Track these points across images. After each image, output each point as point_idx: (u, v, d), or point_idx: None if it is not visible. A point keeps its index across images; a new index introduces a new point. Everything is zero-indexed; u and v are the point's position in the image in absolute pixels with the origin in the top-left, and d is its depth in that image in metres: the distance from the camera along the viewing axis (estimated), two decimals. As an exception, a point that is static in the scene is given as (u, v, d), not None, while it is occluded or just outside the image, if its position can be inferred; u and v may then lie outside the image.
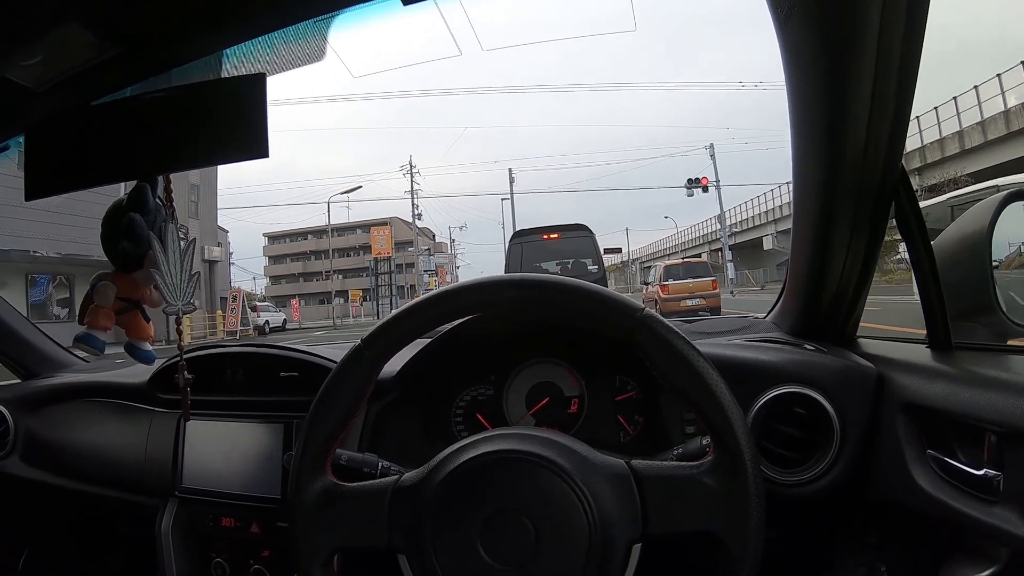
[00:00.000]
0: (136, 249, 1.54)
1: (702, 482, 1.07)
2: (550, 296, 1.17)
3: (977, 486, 1.15)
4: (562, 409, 1.77)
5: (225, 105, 1.43)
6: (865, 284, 1.58)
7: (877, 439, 1.43)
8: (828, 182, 1.42)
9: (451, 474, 1.11)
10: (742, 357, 1.61)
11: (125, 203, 1.56)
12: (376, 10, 1.33)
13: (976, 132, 31.25)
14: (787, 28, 1.18)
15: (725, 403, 1.07)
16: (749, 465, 1.05)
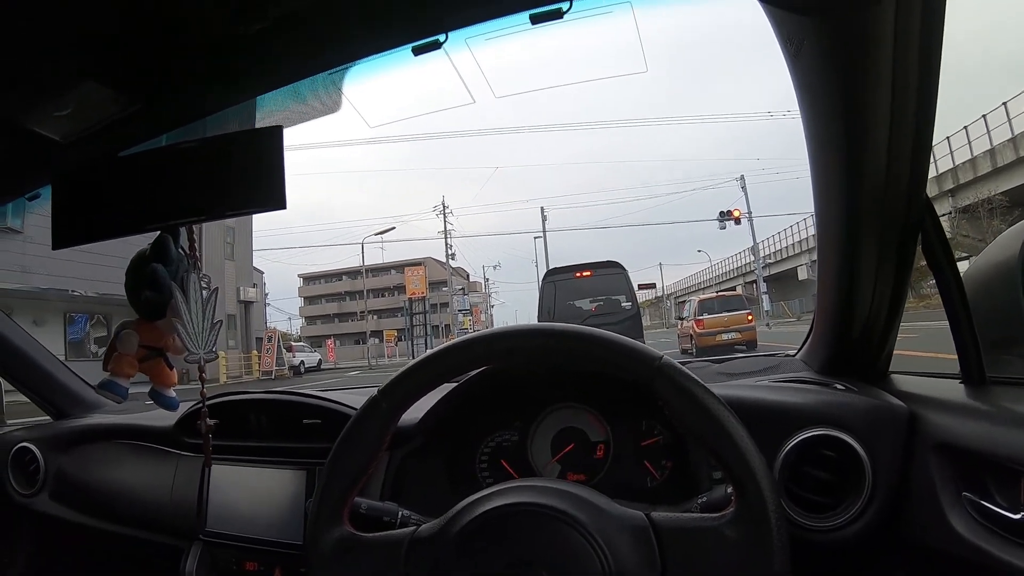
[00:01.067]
0: (159, 298, 1.55)
1: (723, 534, 1.04)
2: (567, 345, 1.16)
3: (1015, 530, 1.12)
4: (588, 455, 1.74)
5: (242, 158, 1.45)
6: (895, 319, 1.55)
7: (910, 481, 1.39)
8: (851, 216, 1.39)
9: (467, 526, 1.09)
10: (770, 400, 1.57)
11: (148, 254, 1.57)
12: (387, 61, 1.34)
13: (1008, 149, 31.04)
14: (798, 63, 1.16)
15: (746, 451, 1.05)
16: (772, 516, 1.02)
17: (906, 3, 0.99)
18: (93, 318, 25.17)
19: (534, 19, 1.22)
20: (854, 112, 1.19)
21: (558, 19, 1.21)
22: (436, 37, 1.27)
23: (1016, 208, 28.79)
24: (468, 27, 1.27)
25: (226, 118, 1.52)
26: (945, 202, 34.55)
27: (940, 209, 36.01)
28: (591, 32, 1.29)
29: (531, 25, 1.22)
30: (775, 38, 1.16)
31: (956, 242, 29.94)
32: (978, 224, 29.78)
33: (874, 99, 1.14)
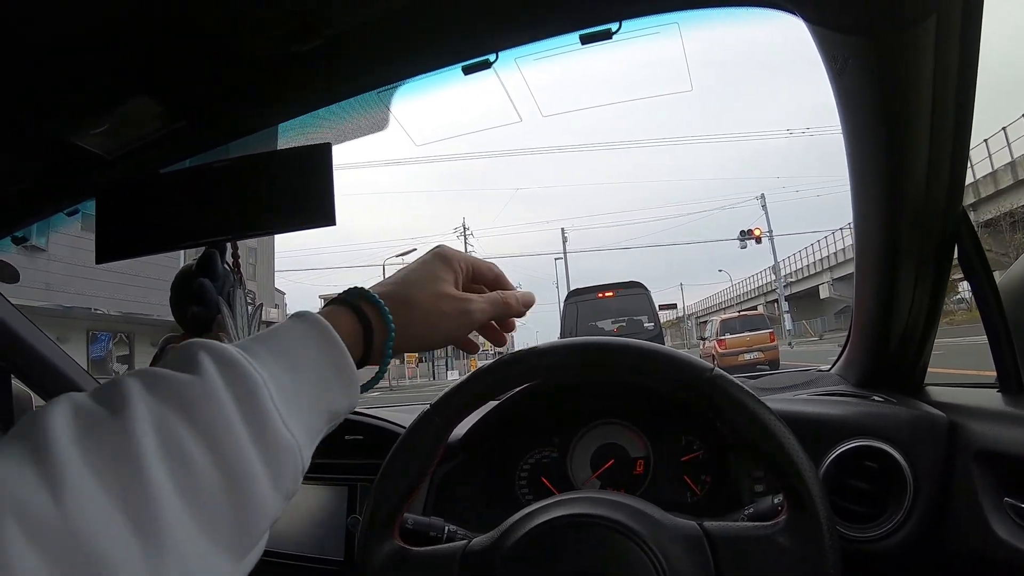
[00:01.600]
0: (206, 313, 1.57)
1: (777, 542, 1.06)
2: (618, 359, 1.17)
3: (1059, 533, 1.13)
4: (628, 471, 1.75)
5: (292, 174, 1.47)
6: (932, 329, 1.56)
7: (952, 489, 1.40)
8: (890, 228, 1.41)
9: (522, 539, 1.10)
10: (809, 412, 1.58)
11: (195, 268, 1.59)
12: (438, 80, 1.36)
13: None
14: (842, 79, 1.19)
15: (799, 460, 1.06)
16: (824, 523, 1.04)
17: (946, 22, 1.02)
18: (116, 336, 25.24)
19: (584, 39, 1.24)
20: (896, 126, 1.21)
21: (607, 40, 1.23)
22: (487, 56, 1.29)
23: (1039, 221, 28.63)
24: (519, 47, 1.29)
25: (273, 134, 1.54)
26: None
27: (963, 226, 35.92)
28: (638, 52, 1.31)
29: (580, 45, 1.25)
30: (803, 54, 1.18)
31: (978, 257, 29.67)
32: (1000, 238, 29.60)
33: (915, 113, 1.16)
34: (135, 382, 0.66)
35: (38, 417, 0.61)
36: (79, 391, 0.67)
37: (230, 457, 0.66)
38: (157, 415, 0.64)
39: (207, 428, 0.66)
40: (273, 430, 0.71)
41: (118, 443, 0.60)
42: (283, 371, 0.76)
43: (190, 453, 0.63)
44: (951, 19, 1.02)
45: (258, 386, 0.71)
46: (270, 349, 0.78)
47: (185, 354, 0.72)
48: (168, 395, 0.66)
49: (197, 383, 0.68)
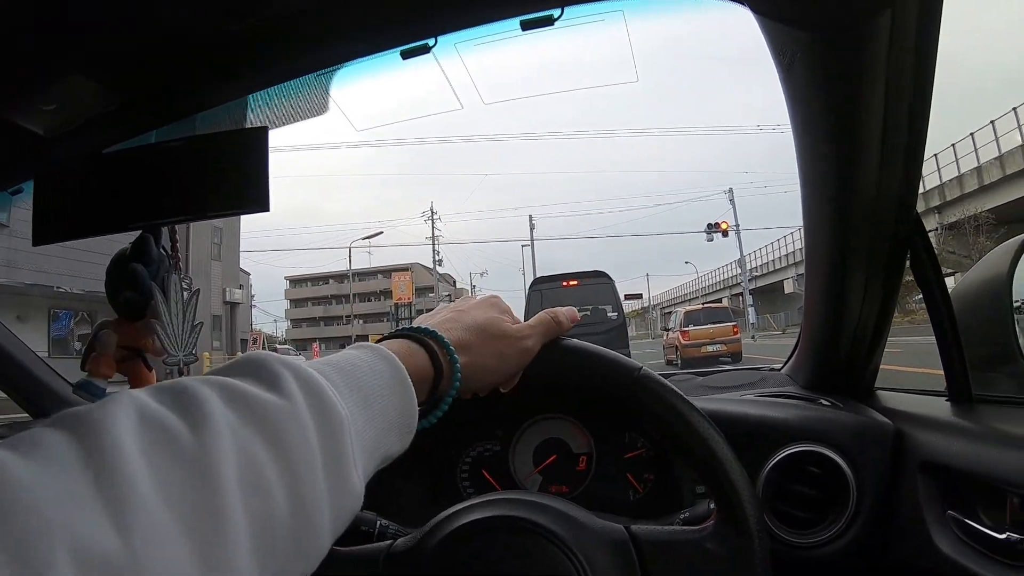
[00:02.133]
0: (139, 299, 1.53)
1: (704, 547, 1.05)
2: (544, 355, 1.14)
3: (1000, 550, 1.11)
4: (570, 467, 1.72)
5: (226, 158, 1.44)
6: (882, 335, 1.54)
7: (896, 498, 1.38)
8: (840, 232, 1.39)
9: (444, 540, 1.08)
10: (754, 414, 1.56)
11: (129, 253, 1.55)
12: (376, 64, 1.33)
13: (994, 167, 31.56)
14: (791, 75, 1.16)
15: (726, 463, 1.05)
16: (753, 528, 1.02)
17: (901, 20, 0.99)
18: (77, 315, 25.09)
19: (524, 25, 1.21)
20: (846, 127, 1.19)
21: (549, 26, 1.20)
22: (426, 41, 1.27)
23: (1002, 226, 29.11)
24: (458, 32, 1.26)
25: (214, 117, 1.51)
26: (932, 218, 34.95)
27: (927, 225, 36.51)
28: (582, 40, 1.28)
29: (521, 31, 1.22)
30: (767, 50, 1.16)
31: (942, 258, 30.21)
32: (964, 241, 30.15)
33: (866, 114, 1.13)
34: (213, 394, 0.59)
35: (96, 417, 0.52)
36: (32, 376, 0.61)
37: (306, 497, 0.61)
38: (240, 437, 0.58)
39: (291, 461, 0.61)
40: (346, 472, 0.67)
41: (196, 468, 0.53)
42: (358, 408, 0.73)
43: (270, 486, 0.58)
44: (907, 15, 0.99)
45: (343, 424, 0.68)
46: (347, 382, 0.74)
47: (264, 368, 0.67)
48: (252, 415, 0.60)
49: (286, 408, 0.63)
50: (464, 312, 1.05)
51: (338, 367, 0.75)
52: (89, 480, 0.47)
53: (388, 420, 0.78)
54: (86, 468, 0.48)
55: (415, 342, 0.92)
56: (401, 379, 0.81)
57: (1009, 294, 1.47)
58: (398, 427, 0.80)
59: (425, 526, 1.14)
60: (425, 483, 1.74)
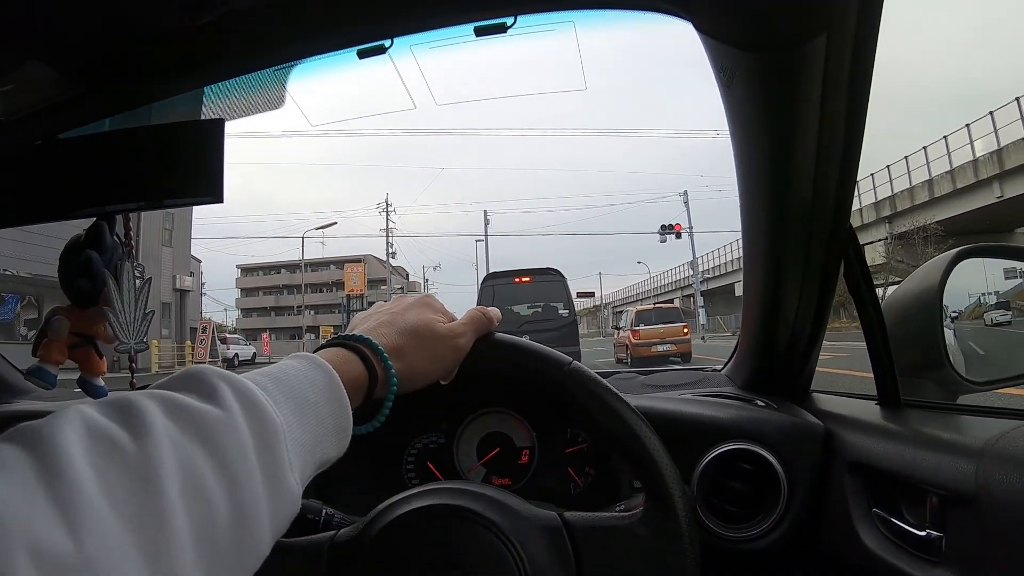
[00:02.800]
0: (92, 286, 1.53)
1: (634, 532, 1.09)
2: (482, 350, 1.18)
3: (920, 547, 1.15)
4: (513, 460, 1.75)
5: (182, 148, 1.45)
6: (817, 340, 1.60)
7: (825, 496, 1.44)
8: (775, 241, 1.44)
9: (383, 530, 1.11)
10: (691, 412, 1.60)
11: (83, 240, 1.55)
12: (333, 62, 1.35)
13: (945, 181, 32.03)
14: (730, 91, 1.20)
15: (653, 451, 1.09)
16: (681, 513, 1.07)
17: (837, 44, 1.03)
18: (24, 299, 24.68)
19: (478, 31, 1.24)
20: (781, 143, 1.23)
21: (502, 33, 1.23)
22: (382, 42, 1.29)
23: (951, 237, 29.58)
24: (413, 34, 1.29)
25: (171, 107, 1.51)
26: (882, 228, 35.43)
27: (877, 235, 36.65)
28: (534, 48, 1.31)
29: (475, 37, 1.25)
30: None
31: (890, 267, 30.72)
32: (912, 251, 30.58)
33: (801, 132, 1.18)
34: (155, 406, 0.63)
35: (46, 432, 0.56)
36: None
37: (245, 501, 0.65)
38: (180, 447, 0.61)
39: (229, 468, 0.64)
40: (283, 477, 0.71)
41: (139, 474, 0.57)
42: (293, 415, 0.76)
43: (210, 492, 0.62)
44: (843, 39, 1.03)
45: (278, 432, 0.71)
46: (283, 392, 0.77)
47: (201, 381, 0.71)
48: (191, 426, 0.64)
49: (222, 418, 0.66)
50: (398, 315, 1.08)
51: (274, 377, 0.79)
52: (43, 489, 0.52)
53: (323, 426, 0.81)
54: (39, 478, 0.52)
55: (350, 350, 0.96)
56: (335, 387, 0.85)
57: (939, 305, 1.53)
58: (334, 433, 0.84)
59: (366, 516, 1.16)
60: (372, 473, 1.76)
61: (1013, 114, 29.07)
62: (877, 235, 35.78)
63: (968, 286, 1.77)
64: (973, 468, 1.03)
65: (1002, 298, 2.12)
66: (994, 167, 29.69)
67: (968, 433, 1.20)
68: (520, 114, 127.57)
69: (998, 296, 2.06)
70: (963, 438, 1.15)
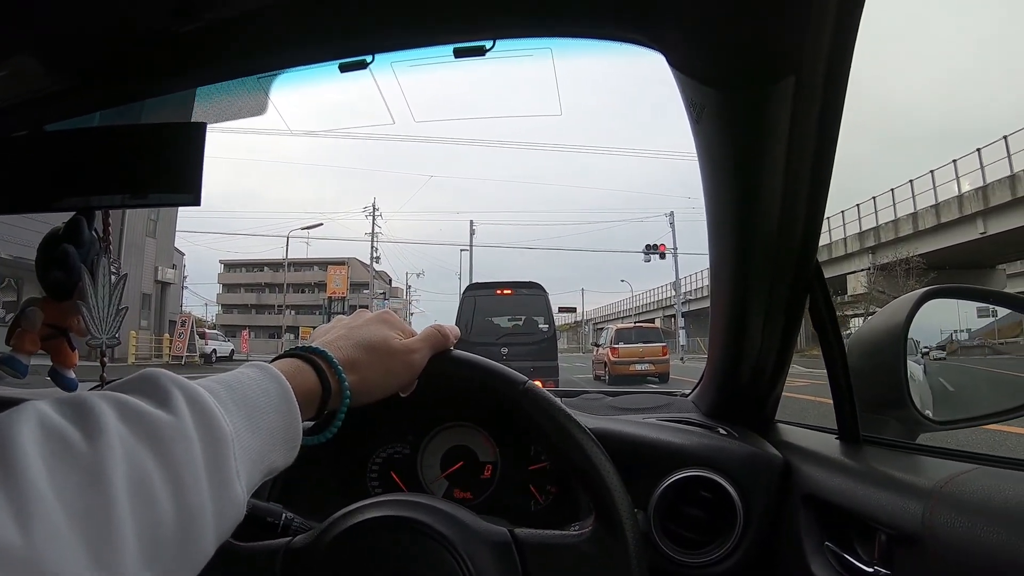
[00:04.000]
0: (67, 279, 1.54)
1: (582, 550, 1.11)
2: (439, 367, 1.19)
3: (867, 583, 1.17)
4: (476, 474, 1.76)
5: (163, 149, 1.45)
6: (782, 372, 1.62)
7: (780, 526, 1.45)
8: (741, 275, 1.46)
9: (337, 538, 1.13)
10: (652, 437, 1.61)
11: (61, 233, 1.56)
12: (315, 74, 1.37)
13: (930, 214, 32.27)
14: (700, 127, 1.22)
15: (603, 471, 1.12)
16: (628, 535, 1.09)
17: (806, 86, 1.05)
18: (3, 281, 24.49)
19: (457, 53, 1.27)
20: (747, 180, 1.26)
21: (480, 56, 1.25)
22: (363, 57, 1.30)
23: (932, 271, 29.82)
24: (395, 52, 1.30)
25: (154, 107, 1.52)
26: (865, 258, 35.62)
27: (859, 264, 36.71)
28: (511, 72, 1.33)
29: (454, 58, 1.27)
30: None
31: (872, 297, 30.81)
32: (894, 282, 30.74)
33: (768, 171, 1.20)
34: (109, 408, 0.65)
35: (2, 428, 0.58)
36: None
37: (190, 505, 0.66)
38: (130, 450, 0.63)
39: (176, 472, 0.66)
40: (230, 483, 0.72)
41: (90, 474, 0.59)
42: (244, 424, 0.77)
43: (157, 495, 0.63)
44: (811, 83, 1.05)
45: (226, 439, 0.73)
46: (235, 400, 0.79)
47: (155, 386, 0.72)
48: (142, 430, 0.65)
49: (173, 424, 0.68)
50: (355, 329, 1.10)
51: (227, 385, 0.81)
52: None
53: (273, 435, 0.83)
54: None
55: (305, 361, 0.98)
56: (287, 397, 0.87)
57: (904, 343, 1.55)
58: (283, 442, 0.86)
59: (322, 524, 1.18)
60: (337, 480, 1.77)
61: (1000, 152, 29.26)
62: (860, 265, 35.96)
63: (942, 322, 1.80)
64: (921, 509, 1.05)
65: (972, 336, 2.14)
66: (979, 203, 29.91)
67: (921, 474, 1.21)
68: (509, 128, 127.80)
69: (970, 333, 2.08)
70: (915, 478, 1.16)
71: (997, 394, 1.86)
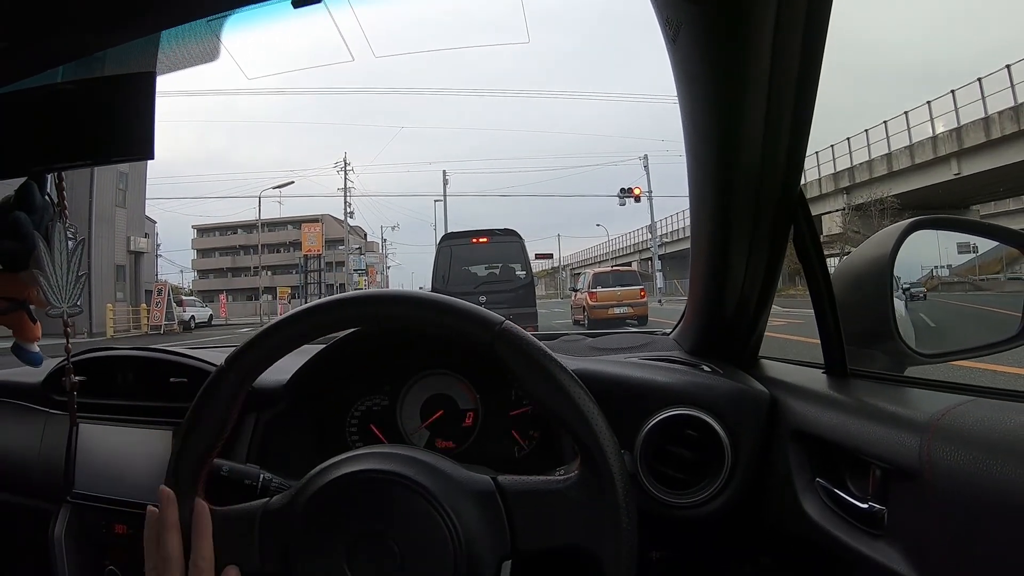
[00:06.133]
0: (20, 248, 1.49)
1: (568, 496, 1.08)
2: (409, 312, 1.18)
3: (862, 519, 1.15)
4: (457, 423, 1.75)
5: (111, 103, 1.41)
6: (765, 306, 1.59)
7: (769, 464, 1.44)
8: (723, 205, 1.43)
9: (314, 497, 1.10)
10: (636, 377, 1.60)
11: (12, 201, 1.51)
12: (268, 12, 1.31)
13: (904, 155, 32.49)
14: (676, 48, 1.17)
15: (588, 414, 1.08)
16: (616, 477, 1.06)
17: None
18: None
19: (415, -23, 1.21)
20: (729, 100, 1.20)
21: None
22: (318, -11, 1.25)
23: (907, 211, 30.01)
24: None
25: (102, 61, 1.46)
26: (840, 199, 35.87)
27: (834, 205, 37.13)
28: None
29: (414, -17, 1.22)
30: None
31: (846, 237, 31.13)
32: (869, 222, 30.98)
33: (750, 90, 1.15)
34: None
35: None
36: None
37: None
38: None
39: None
40: None
41: None
42: None
43: None
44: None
45: None
46: None
47: None
48: None
49: None
50: None
51: None
52: None
53: None
54: None
55: None
56: None
57: (890, 275, 1.52)
58: None
59: (298, 483, 1.15)
60: (315, 437, 1.75)
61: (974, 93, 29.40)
62: (835, 206, 36.26)
63: (921, 258, 1.77)
64: (917, 442, 1.02)
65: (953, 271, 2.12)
66: (953, 145, 30.09)
67: (914, 407, 1.18)
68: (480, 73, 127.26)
69: (950, 269, 2.06)
70: (908, 412, 1.14)
71: (980, 329, 1.86)
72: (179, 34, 1.41)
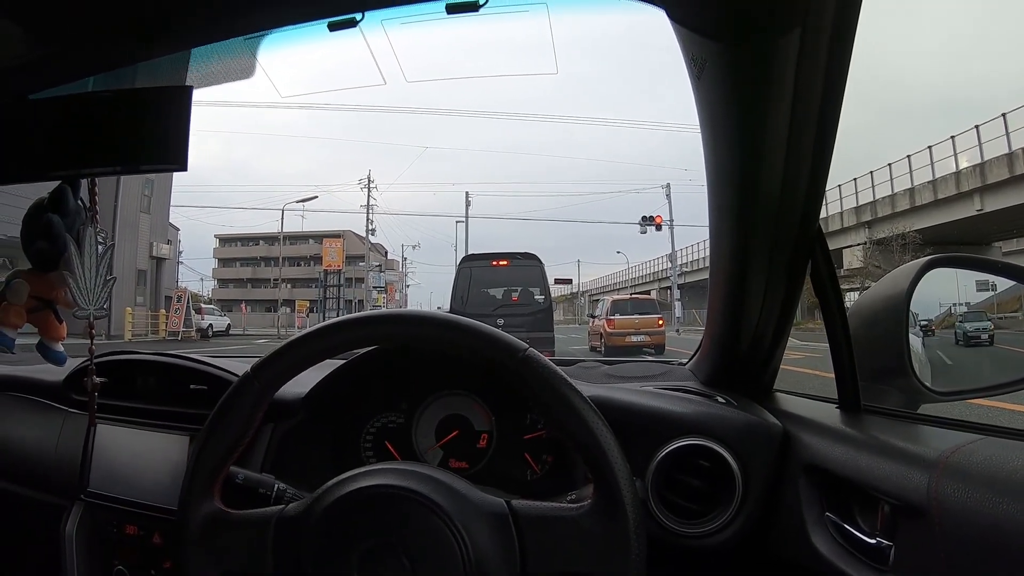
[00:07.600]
0: (52, 249, 1.52)
1: (580, 524, 1.09)
2: (436, 333, 1.19)
3: (870, 554, 1.15)
4: (471, 443, 1.75)
5: (148, 114, 1.43)
6: (781, 339, 1.60)
7: (780, 497, 1.44)
8: (742, 237, 1.43)
9: (330, 507, 1.11)
10: (650, 405, 1.60)
11: (46, 203, 1.54)
12: (304, 34, 1.34)
13: (927, 190, 32.13)
14: (701, 83, 1.18)
15: (604, 443, 1.10)
16: (628, 508, 1.07)
17: (811, 40, 1.01)
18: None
19: (450, 9, 1.24)
20: (750, 138, 1.22)
21: (473, 11, 1.22)
22: (353, 15, 1.27)
23: (928, 247, 29.67)
24: (385, 8, 1.27)
25: (143, 72, 1.49)
26: (861, 232, 35.54)
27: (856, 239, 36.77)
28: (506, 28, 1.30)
29: (447, 14, 1.24)
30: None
31: (867, 271, 30.82)
32: (890, 257, 30.65)
33: (771, 128, 1.16)
34: None
35: None
36: None
37: None
38: None
39: None
40: None
41: None
42: None
43: None
44: (817, 36, 1.01)
45: None
46: None
47: None
48: None
49: None
50: None
51: None
52: None
53: None
54: None
55: None
56: None
57: (906, 311, 1.53)
58: None
59: (315, 493, 1.16)
60: (329, 451, 1.76)
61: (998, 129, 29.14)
62: (856, 239, 35.95)
63: (939, 295, 1.77)
64: (926, 480, 1.03)
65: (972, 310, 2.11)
66: (976, 180, 29.75)
67: (925, 444, 1.19)
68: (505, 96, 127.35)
69: (968, 307, 2.05)
70: (919, 448, 1.14)
71: (997, 368, 1.85)
72: (217, 50, 1.44)
